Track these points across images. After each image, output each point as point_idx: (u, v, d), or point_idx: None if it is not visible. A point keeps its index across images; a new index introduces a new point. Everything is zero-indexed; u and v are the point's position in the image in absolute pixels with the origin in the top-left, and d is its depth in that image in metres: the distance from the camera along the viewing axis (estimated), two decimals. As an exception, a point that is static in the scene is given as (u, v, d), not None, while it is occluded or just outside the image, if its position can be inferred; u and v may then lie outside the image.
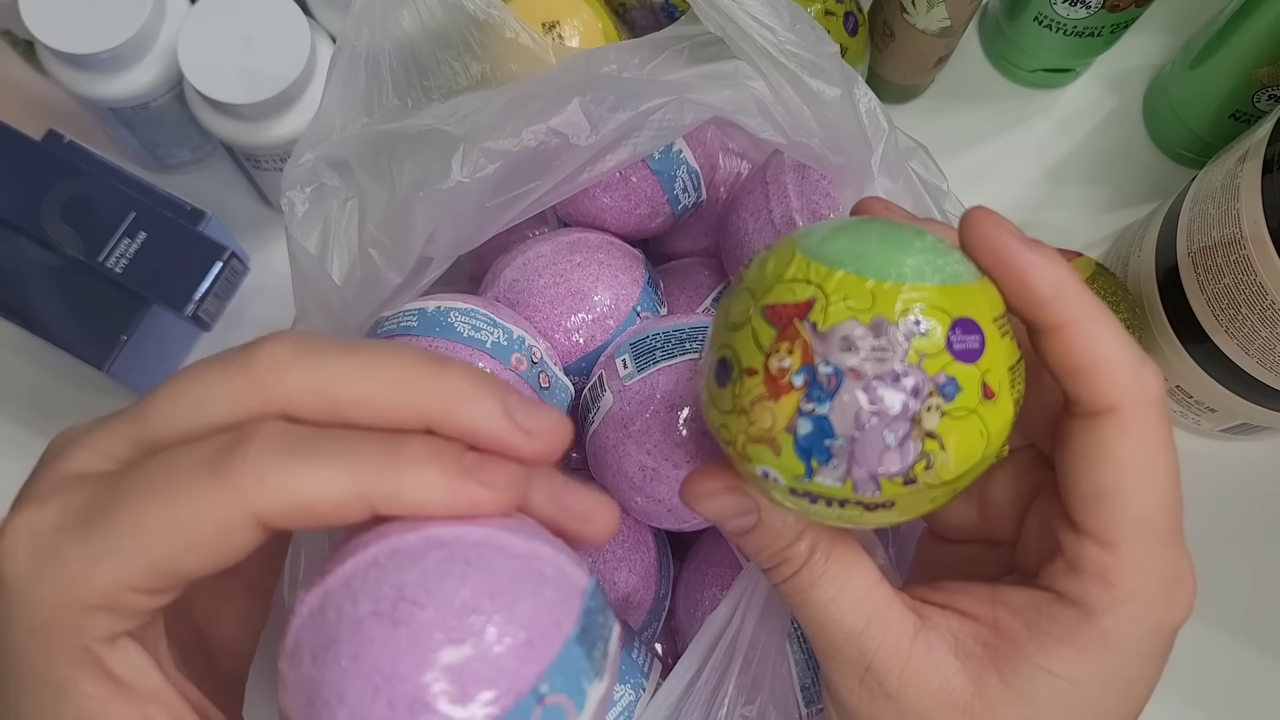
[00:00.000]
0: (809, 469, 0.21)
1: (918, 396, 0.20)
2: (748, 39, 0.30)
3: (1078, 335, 0.22)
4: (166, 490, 0.19)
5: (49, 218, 0.44)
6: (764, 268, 0.22)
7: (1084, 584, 0.23)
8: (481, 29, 0.36)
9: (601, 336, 0.37)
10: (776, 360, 0.21)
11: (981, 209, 0.23)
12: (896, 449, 0.20)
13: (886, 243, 0.21)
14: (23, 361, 0.50)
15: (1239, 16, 0.48)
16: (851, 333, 0.20)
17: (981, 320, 0.21)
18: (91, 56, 0.44)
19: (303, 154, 0.33)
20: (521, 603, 0.20)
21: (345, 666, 0.19)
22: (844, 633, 0.24)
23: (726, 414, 0.22)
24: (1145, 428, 0.22)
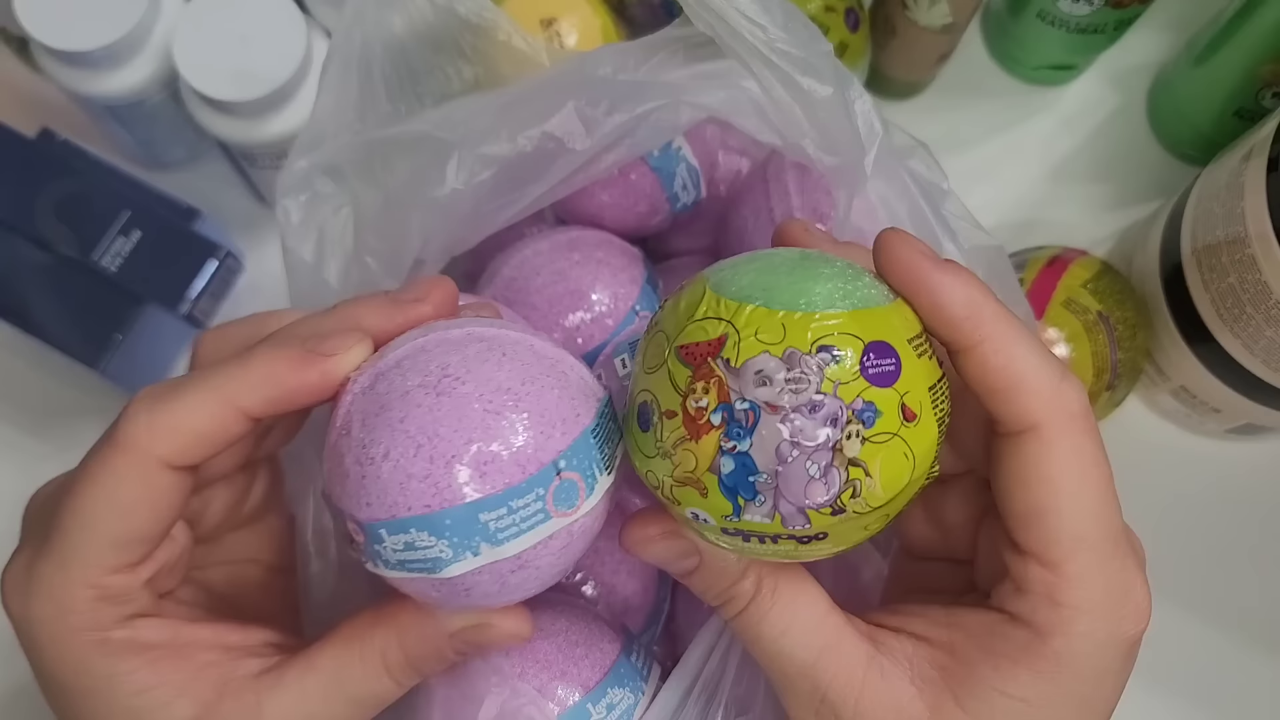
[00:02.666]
0: (736, 507, 0.21)
1: (836, 425, 0.20)
2: (738, 38, 0.30)
3: (993, 354, 0.22)
4: (87, 480, 0.22)
5: (43, 216, 0.44)
6: (677, 308, 0.22)
7: (1032, 604, 0.23)
8: (474, 32, 0.36)
9: (600, 336, 0.37)
10: (694, 400, 0.21)
11: (893, 231, 0.23)
12: (821, 479, 0.20)
13: (795, 272, 0.21)
14: (16, 361, 0.50)
15: (1243, 13, 0.48)
16: (765, 366, 0.20)
17: (895, 342, 0.21)
18: (86, 54, 0.43)
19: (296, 161, 0.33)
20: (549, 391, 0.23)
21: (393, 427, 0.22)
22: (796, 666, 0.24)
23: (650, 459, 0.22)
24: (1070, 442, 0.22)
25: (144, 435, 0.22)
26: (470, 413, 0.22)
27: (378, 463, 0.22)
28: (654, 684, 0.33)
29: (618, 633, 0.33)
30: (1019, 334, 0.22)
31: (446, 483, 0.22)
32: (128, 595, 0.23)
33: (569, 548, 0.23)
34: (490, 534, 0.22)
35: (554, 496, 0.22)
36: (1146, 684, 0.48)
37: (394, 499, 0.22)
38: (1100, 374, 0.46)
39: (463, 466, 0.22)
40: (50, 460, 0.49)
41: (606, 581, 0.36)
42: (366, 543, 0.22)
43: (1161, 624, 0.48)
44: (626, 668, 0.32)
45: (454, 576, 0.22)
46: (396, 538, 0.22)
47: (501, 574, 0.22)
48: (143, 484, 0.22)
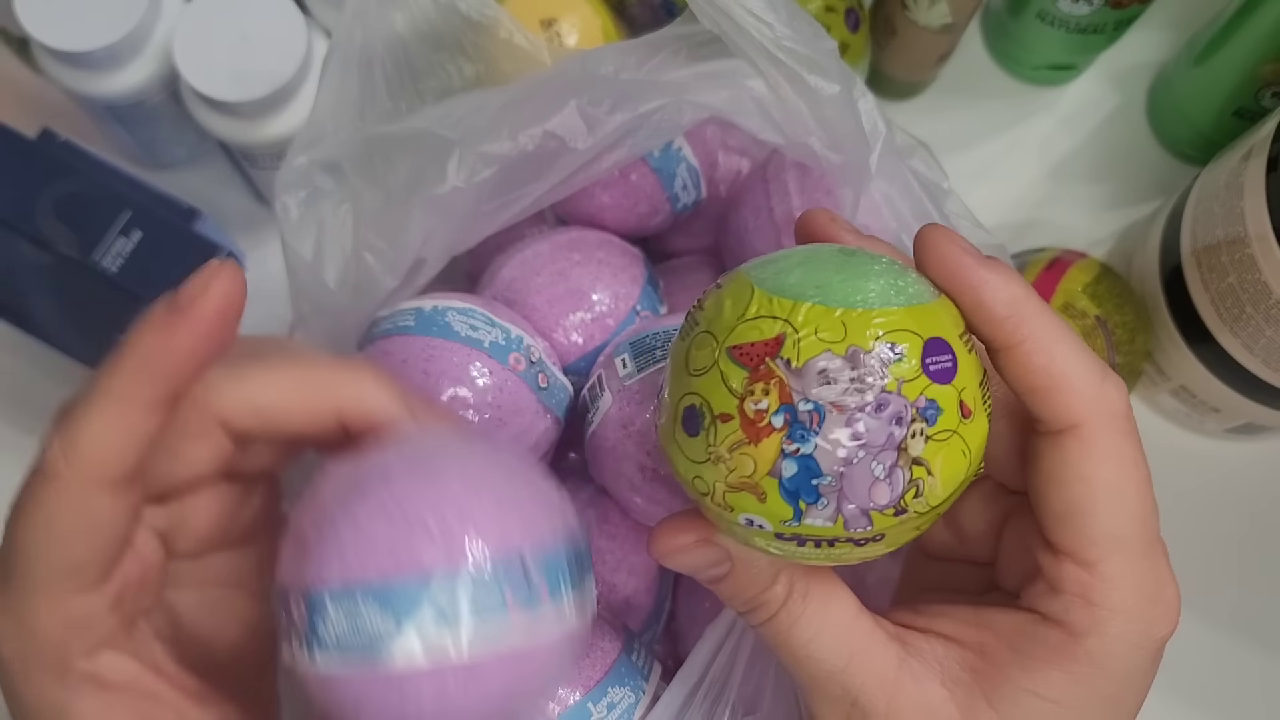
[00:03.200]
0: (797, 512, 0.20)
1: (901, 424, 0.20)
2: (745, 35, 0.30)
3: (1035, 353, 0.22)
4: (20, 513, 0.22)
5: (44, 216, 0.44)
6: (721, 308, 0.21)
7: (1065, 604, 0.22)
8: (475, 30, 0.36)
9: (601, 336, 0.37)
10: (752, 402, 0.20)
11: (935, 226, 0.22)
12: (886, 480, 0.20)
13: (845, 270, 0.21)
14: (17, 361, 0.50)
15: (1243, 13, 0.48)
16: (828, 365, 0.19)
17: (950, 339, 0.21)
18: (87, 54, 0.43)
19: (295, 158, 0.33)
20: (528, 492, 0.23)
21: (365, 494, 0.21)
22: (826, 670, 0.23)
23: (700, 464, 0.21)
24: (1111, 442, 0.22)
25: (61, 461, 0.21)
26: (449, 490, 0.21)
27: (339, 527, 0.21)
28: (654, 683, 0.33)
29: (618, 632, 0.33)
30: (1061, 332, 0.22)
31: (409, 552, 0.20)
32: (94, 618, 0.22)
33: (522, 672, 0.21)
34: (445, 616, 0.20)
35: (514, 591, 0.21)
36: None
37: (349, 563, 0.20)
38: (1100, 374, 0.46)
39: (433, 538, 0.21)
40: (51, 460, 0.49)
41: (607, 580, 0.36)
42: (309, 617, 0.21)
43: (1161, 623, 0.48)
44: (627, 667, 0.32)
45: (393, 672, 0.20)
46: (342, 607, 0.20)
47: (444, 681, 0.20)
48: (75, 510, 0.21)
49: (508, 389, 0.33)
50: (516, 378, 0.34)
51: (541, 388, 0.35)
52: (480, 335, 0.34)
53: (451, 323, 0.34)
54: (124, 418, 0.21)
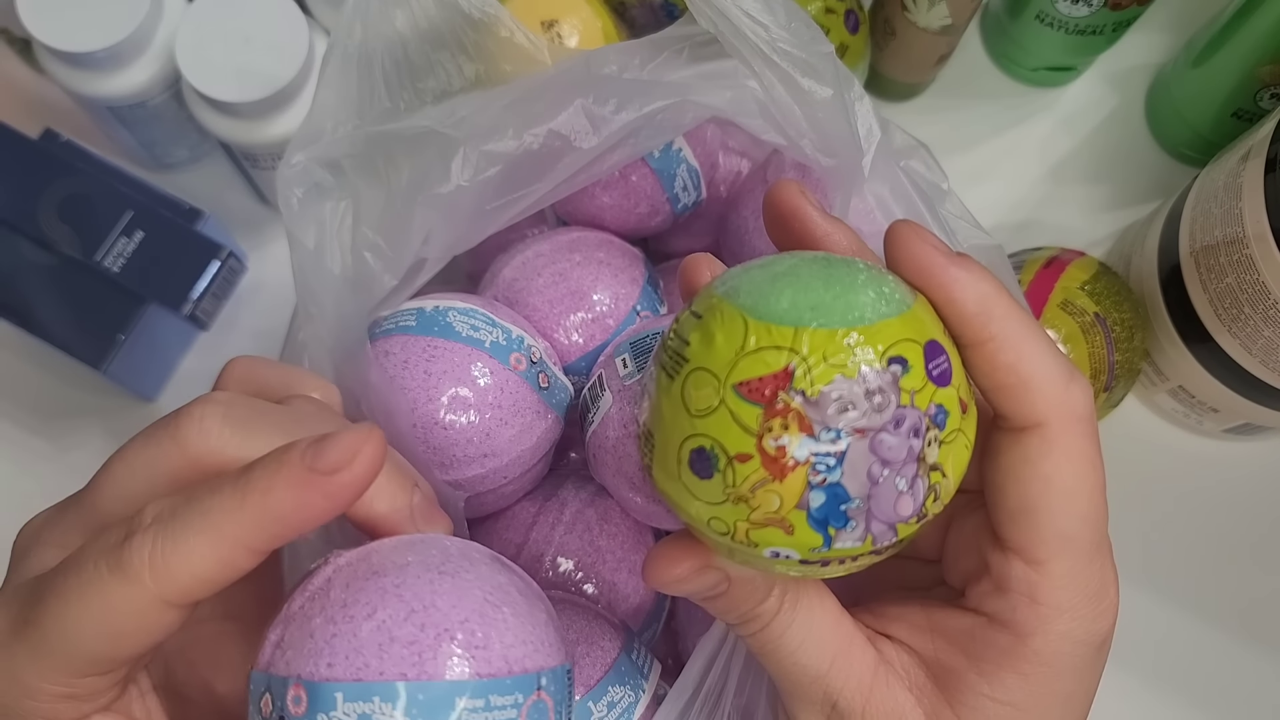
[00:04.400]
0: (827, 539, 0.20)
1: (919, 435, 0.20)
2: (741, 36, 0.30)
3: (1002, 351, 0.22)
4: (78, 591, 0.21)
5: (46, 217, 0.44)
6: (712, 341, 0.20)
7: (1012, 604, 0.23)
8: (476, 29, 0.36)
9: (601, 336, 0.37)
10: (772, 439, 0.19)
11: (905, 224, 0.22)
12: (909, 492, 0.20)
13: (832, 285, 0.20)
14: (20, 361, 0.50)
15: (1241, 15, 0.48)
16: (844, 391, 0.19)
17: (941, 339, 0.21)
18: (89, 55, 0.43)
19: (294, 155, 0.33)
20: (539, 612, 0.22)
21: (385, 591, 0.21)
22: (810, 675, 0.24)
23: (717, 506, 0.20)
24: (1072, 443, 0.22)
25: (146, 573, 0.20)
26: (471, 595, 0.21)
27: (358, 621, 0.20)
28: (654, 682, 0.33)
29: (618, 631, 0.33)
30: (1030, 331, 0.22)
31: (433, 654, 0.20)
32: (95, 694, 0.22)
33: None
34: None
35: (529, 713, 0.21)
36: (1147, 683, 0.48)
37: (367, 660, 0.20)
38: (1097, 375, 0.46)
39: (454, 642, 0.20)
40: (53, 460, 0.49)
41: (607, 579, 0.36)
42: (307, 712, 0.20)
43: (1161, 623, 0.49)
44: (627, 665, 0.32)
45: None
46: (352, 705, 0.20)
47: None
48: (138, 618, 0.21)
49: (509, 389, 0.33)
50: (517, 378, 0.34)
51: (542, 388, 0.35)
52: (481, 335, 0.34)
53: (453, 323, 0.34)
54: (227, 558, 0.21)
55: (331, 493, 0.20)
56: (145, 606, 0.20)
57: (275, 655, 0.21)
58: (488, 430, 0.33)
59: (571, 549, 0.36)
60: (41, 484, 0.47)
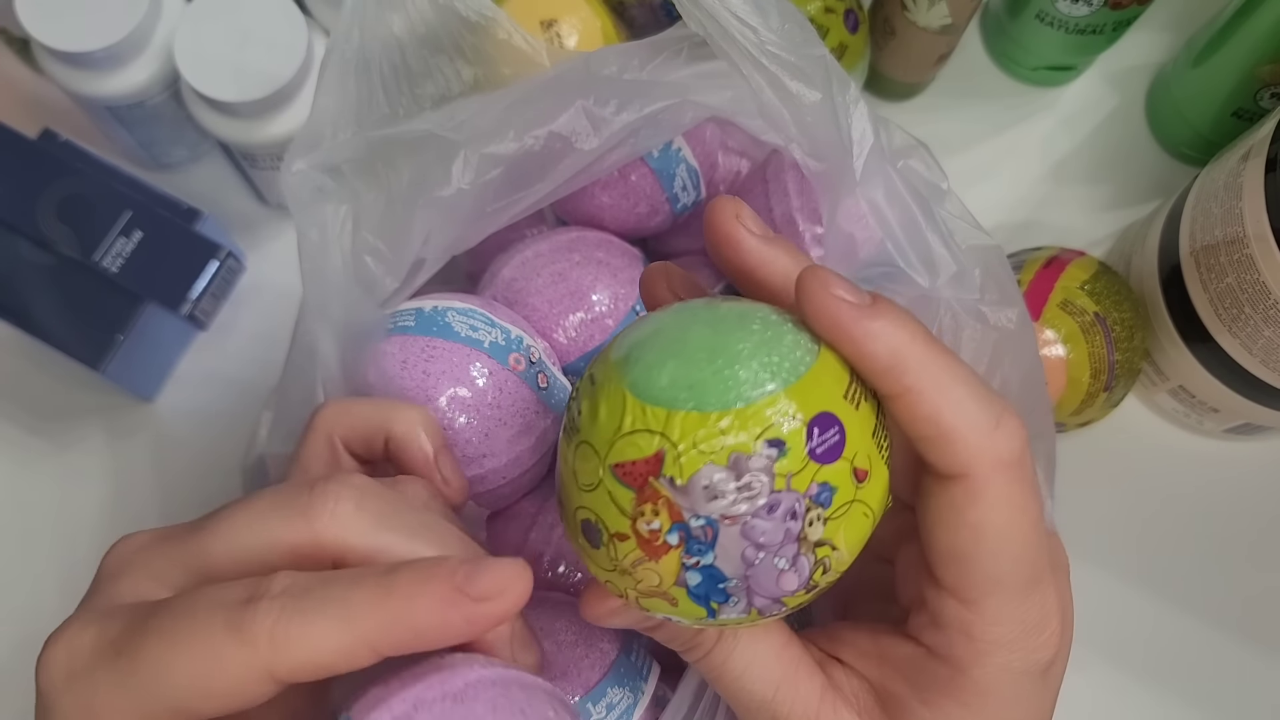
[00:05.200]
0: (710, 611, 0.20)
1: (796, 517, 0.19)
2: (728, 38, 0.30)
3: (920, 403, 0.21)
4: (187, 638, 0.20)
5: (44, 217, 0.44)
6: (596, 415, 0.20)
7: (948, 638, 0.23)
8: (474, 32, 0.36)
9: (600, 336, 0.37)
10: (644, 523, 0.19)
11: (811, 273, 0.21)
12: (792, 569, 0.20)
13: (715, 357, 0.20)
14: (18, 362, 0.50)
15: (1241, 14, 0.48)
16: (711, 480, 0.19)
17: (834, 408, 0.20)
18: (87, 54, 0.43)
19: (293, 161, 0.33)
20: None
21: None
22: (756, 700, 0.24)
23: (609, 573, 0.21)
24: (998, 491, 0.21)
25: (265, 641, 0.20)
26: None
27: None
28: (653, 683, 0.33)
29: (617, 633, 0.33)
30: (949, 378, 0.21)
31: None
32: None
33: None
34: None
35: None
36: (1146, 683, 0.48)
37: None
38: (1097, 375, 0.46)
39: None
40: (51, 460, 0.49)
41: (606, 581, 0.36)
42: None
43: (1160, 624, 0.49)
44: (626, 667, 0.32)
45: None
46: None
47: None
48: (239, 683, 0.20)
49: (508, 389, 0.33)
50: (516, 378, 0.34)
51: (541, 388, 0.35)
52: (480, 335, 0.34)
53: (451, 323, 0.34)
54: (350, 650, 0.20)
55: (474, 618, 0.20)
56: (251, 674, 0.20)
57: None
58: (486, 430, 0.33)
59: (571, 550, 0.36)
60: (40, 484, 0.47)
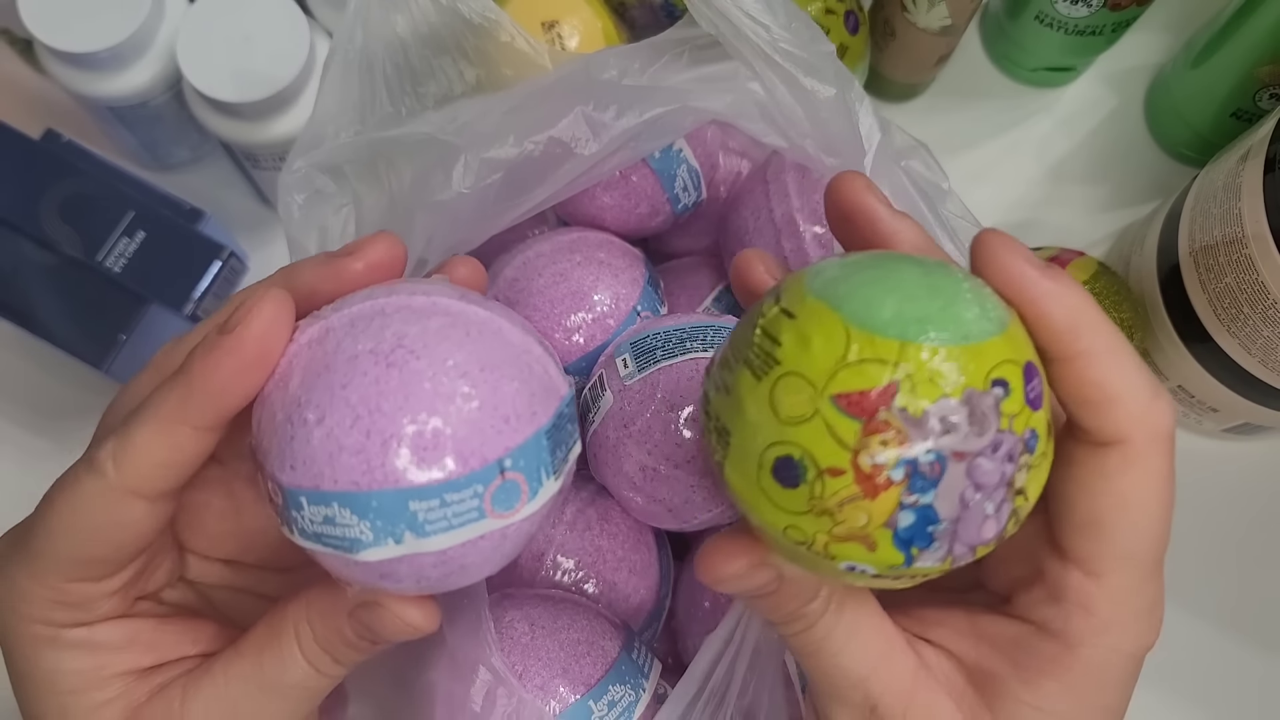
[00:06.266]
0: (909, 558, 0.19)
1: (1013, 460, 0.19)
2: (742, 37, 0.30)
3: (1091, 367, 0.21)
4: (57, 494, 0.22)
5: (47, 217, 0.44)
6: (809, 346, 0.19)
7: (1065, 613, 0.23)
8: (476, 33, 0.36)
9: (601, 336, 0.37)
10: (869, 456, 0.19)
11: (993, 234, 0.22)
12: (994, 516, 0.19)
13: (936, 296, 0.20)
14: (21, 361, 0.50)
15: (1240, 15, 0.48)
16: (947, 412, 0.19)
17: (1037, 361, 0.20)
18: (90, 55, 0.43)
19: (295, 161, 0.33)
20: (507, 383, 0.21)
21: (333, 392, 0.20)
22: (851, 678, 0.24)
23: (799, 515, 0.20)
24: (1152, 462, 0.22)
25: (110, 464, 0.22)
26: (419, 391, 0.20)
27: (310, 426, 0.20)
28: (654, 681, 0.33)
29: (618, 630, 0.33)
30: (1118, 345, 0.21)
31: (380, 462, 0.20)
32: (89, 604, 0.23)
33: (499, 549, 0.22)
34: (417, 524, 0.20)
35: (493, 496, 0.21)
36: (1146, 683, 0.48)
37: (320, 469, 0.20)
38: (1098, 374, 0.46)
39: (401, 448, 0.20)
40: (53, 459, 0.49)
41: (607, 579, 0.36)
42: (284, 506, 0.21)
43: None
44: (628, 665, 0.32)
45: (370, 561, 0.20)
46: (316, 509, 0.20)
47: (420, 566, 0.21)
48: (107, 512, 0.22)
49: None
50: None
51: (543, 387, 0.35)
52: (482, 335, 0.34)
53: (454, 323, 0.34)
54: (172, 438, 0.22)
55: (233, 349, 0.21)
56: (113, 497, 0.22)
57: (257, 438, 0.22)
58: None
59: (571, 548, 0.36)
60: (43, 483, 0.46)
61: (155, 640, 0.24)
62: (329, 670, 0.24)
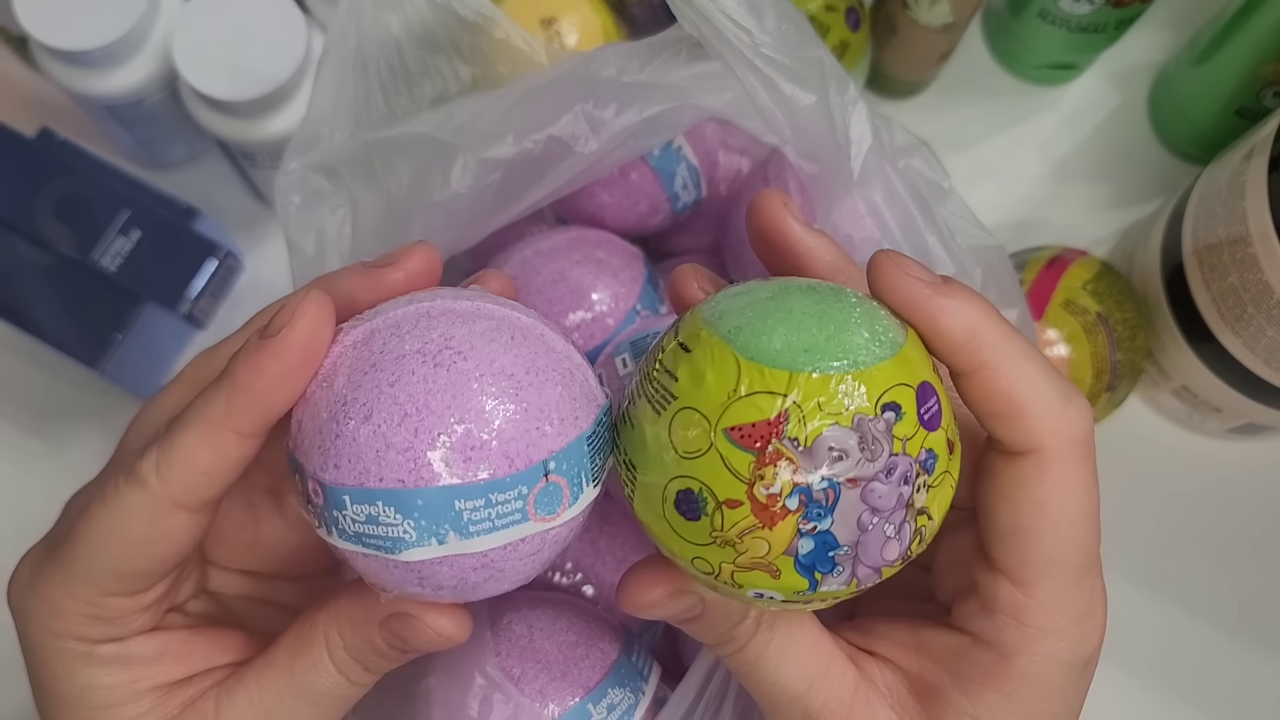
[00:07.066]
0: (813, 583, 0.20)
1: (908, 482, 0.20)
2: (722, 40, 0.30)
3: (996, 378, 0.21)
4: (99, 506, 0.22)
5: (42, 216, 0.44)
6: (702, 380, 0.20)
7: (998, 624, 0.23)
8: (472, 32, 0.35)
9: (601, 335, 0.37)
10: (763, 487, 0.19)
11: (885, 255, 0.22)
12: (896, 537, 0.20)
13: (826, 324, 0.20)
14: (16, 361, 0.50)
15: (1244, 13, 0.48)
16: (837, 440, 0.19)
17: (933, 380, 0.20)
18: (86, 53, 0.43)
19: (290, 162, 0.33)
20: (551, 387, 0.21)
21: (380, 390, 0.20)
22: (788, 694, 0.24)
23: (702, 547, 0.20)
24: (1067, 468, 0.22)
25: (153, 475, 0.21)
26: (467, 391, 0.20)
27: (356, 424, 0.20)
28: (654, 684, 0.33)
29: (618, 633, 0.33)
30: (1023, 355, 0.21)
31: (427, 460, 0.20)
32: (123, 618, 0.23)
33: (539, 555, 0.22)
34: (461, 524, 0.20)
35: (536, 499, 0.21)
36: (1147, 683, 0.48)
37: (366, 466, 0.20)
38: (1100, 375, 0.46)
39: (449, 447, 0.20)
40: (49, 459, 0.49)
41: (607, 581, 0.36)
42: (325, 507, 0.21)
43: (1162, 623, 0.49)
44: (627, 667, 0.32)
45: (411, 561, 0.21)
46: (360, 508, 0.20)
47: (461, 569, 0.21)
48: (150, 524, 0.22)
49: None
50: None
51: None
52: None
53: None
54: (217, 444, 0.21)
55: (278, 352, 0.21)
56: (156, 508, 0.22)
57: (298, 439, 0.21)
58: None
59: (571, 550, 0.36)
60: (38, 484, 0.46)
61: (185, 652, 0.24)
62: (360, 679, 0.24)
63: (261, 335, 0.21)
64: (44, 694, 0.23)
